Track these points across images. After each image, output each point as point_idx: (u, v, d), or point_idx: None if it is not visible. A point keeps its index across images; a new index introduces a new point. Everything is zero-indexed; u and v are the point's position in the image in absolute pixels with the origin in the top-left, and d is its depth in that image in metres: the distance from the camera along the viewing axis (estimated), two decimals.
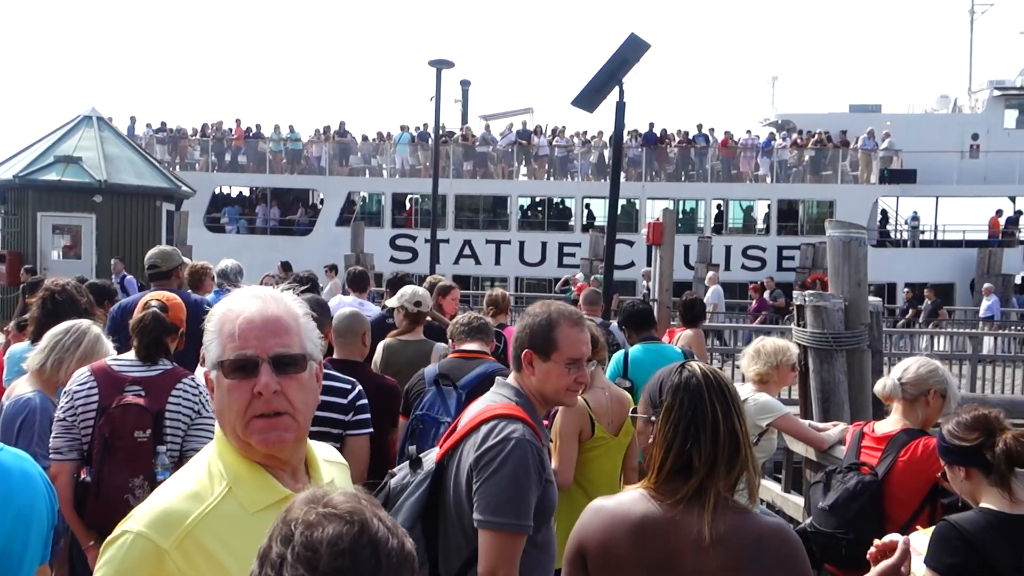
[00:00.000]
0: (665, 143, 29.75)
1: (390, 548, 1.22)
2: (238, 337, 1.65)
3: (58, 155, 16.19)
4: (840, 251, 6.54)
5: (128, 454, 3.46)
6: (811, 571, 2.04)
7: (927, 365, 3.75)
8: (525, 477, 2.52)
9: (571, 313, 2.79)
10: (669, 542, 2.02)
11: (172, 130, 30.35)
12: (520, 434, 2.56)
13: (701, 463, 2.04)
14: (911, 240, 30.63)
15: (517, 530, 2.51)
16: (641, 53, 10.27)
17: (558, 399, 2.79)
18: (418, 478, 2.75)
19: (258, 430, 1.65)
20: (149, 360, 3.67)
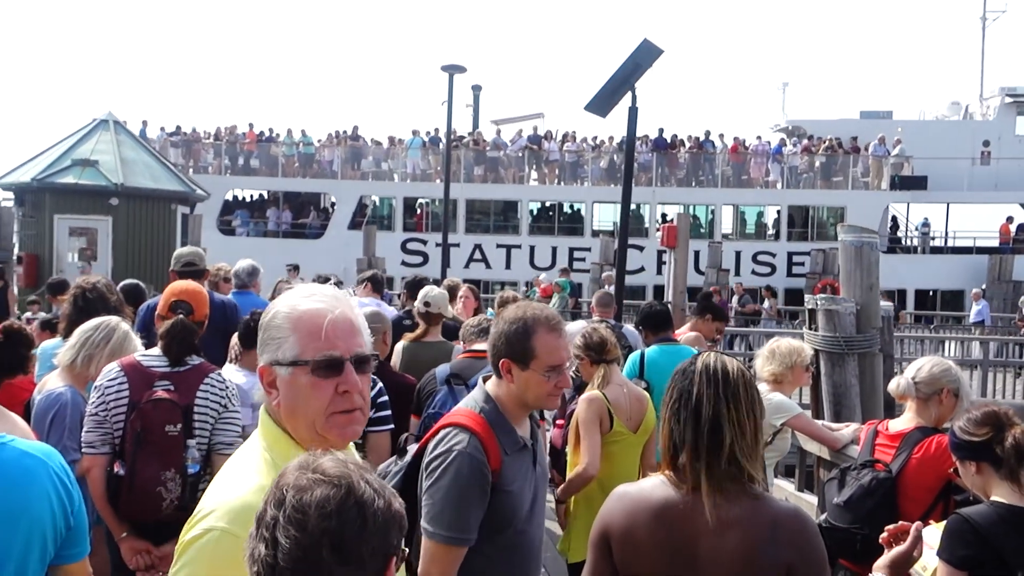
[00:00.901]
0: (675, 148, 29.80)
1: (376, 508, 1.30)
2: (324, 337, 1.71)
3: (75, 158, 16.32)
4: (852, 255, 6.59)
5: (160, 448, 3.54)
6: (826, 555, 2.09)
7: (940, 364, 3.83)
8: (464, 489, 2.52)
9: (548, 318, 2.69)
10: (687, 526, 2.07)
11: (186, 133, 30.56)
12: (463, 446, 2.54)
13: (683, 446, 2.10)
14: (921, 247, 30.61)
15: (448, 542, 2.52)
16: (654, 59, 10.34)
17: (540, 404, 2.75)
18: (397, 468, 2.81)
19: (339, 425, 1.73)
20: (179, 364, 3.76)
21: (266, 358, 1.76)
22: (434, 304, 5.72)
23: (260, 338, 1.79)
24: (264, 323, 1.79)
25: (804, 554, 2.03)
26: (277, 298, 1.86)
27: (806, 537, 2.05)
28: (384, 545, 1.31)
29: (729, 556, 2.03)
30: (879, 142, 29.08)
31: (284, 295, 1.85)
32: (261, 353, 1.78)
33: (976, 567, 2.76)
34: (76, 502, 2.35)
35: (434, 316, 5.74)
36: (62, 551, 2.32)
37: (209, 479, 3.66)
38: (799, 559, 2.01)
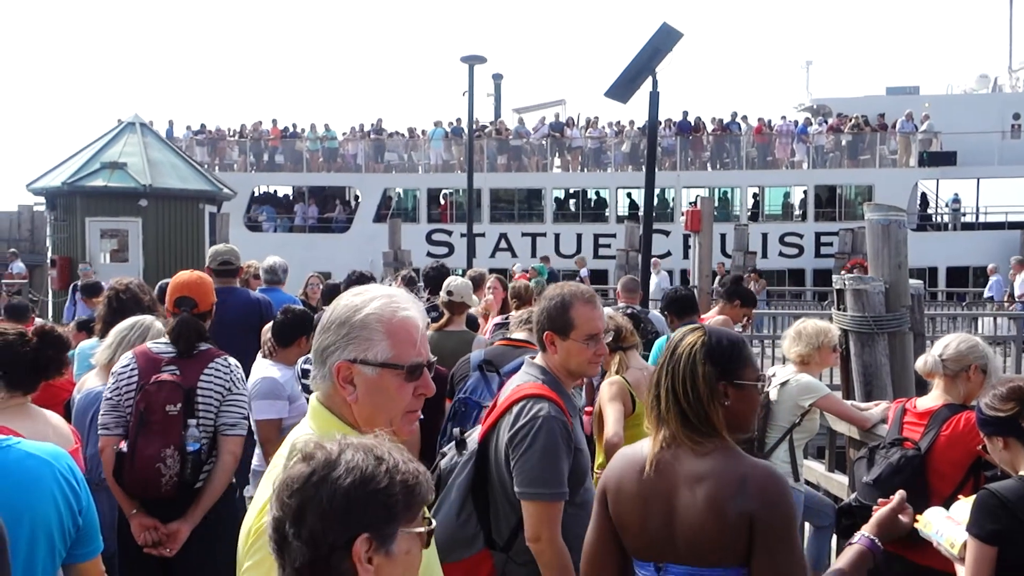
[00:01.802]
0: (699, 131, 29.61)
1: (338, 487, 1.36)
2: (418, 345, 1.88)
3: (104, 161, 16.52)
4: (880, 234, 6.54)
5: (160, 426, 3.67)
6: (795, 512, 2.20)
7: (967, 341, 3.82)
8: (554, 449, 2.79)
9: (583, 292, 3.00)
10: (666, 479, 2.24)
11: (211, 132, 30.82)
12: (546, 412, 2.82)
13: (658, 408, 2.30)
14: (952, 223, 30.19)
15: (553, 498, 2.78)
16: (674, 42, 10.29)
17: (582, 371, 3.04)
18: (464, 458, 3.03)
19: (410, 422, 1.89)
20: (187, 354, 3.87)
21: (348, 355, 1.83)
22: (456, 293, 5.77)
23: (340, 334, 1.84)
24: (349, 321, 1.85)
25: (766, 505, 2.13)
26: (348, 296, 1.91)
27: (770, 490, 2.15)
28: (345, 522, 1.35)
29: (699, 506, 2.17)
30: (906, 118, 28.66)
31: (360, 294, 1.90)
32: (338, 349, 1.84)
33: (1005, 542, 2.76)
34: (84, 501, 2.38)
35: (457, 305, 5.79)
36: (73, 550, 2.37)
37: (215, 459, 3.77)
38: (761, 510, 2.13)
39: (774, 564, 2.13)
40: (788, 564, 2.14)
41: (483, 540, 2.93)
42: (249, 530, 1.71)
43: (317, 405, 1.90)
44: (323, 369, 1.87)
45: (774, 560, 2.13)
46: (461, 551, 2.91)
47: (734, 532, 2.13)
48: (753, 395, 2.30)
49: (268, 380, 4.59)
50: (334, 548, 1.35)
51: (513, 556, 2.89)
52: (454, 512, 2.95)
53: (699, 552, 2.18)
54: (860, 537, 2.32)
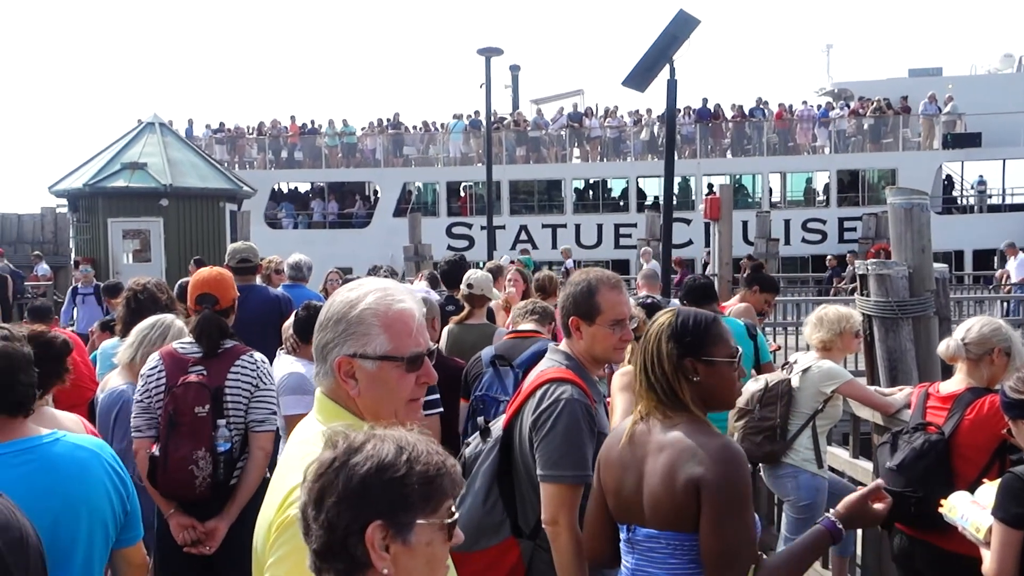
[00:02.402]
0: (719, 118, 29.41)
1: (355, 472, 1.39)
2: (415, 335, 1.89)
3: (124, 162, 16.66)
4: (902, 218, 6.47)
5: (190, 428, 3.69)
6: (745, 484, 2.24)
7: (990, 324, 3.77)
8: (577, 432, 2.78)
9: (609, 278, 2.98)
10: (640, 447, 2.39)
11: (230, 130, 31.01)
12: (569, 395, 2.81)
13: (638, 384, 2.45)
14: (978, 206, 29.81)
15: (575, 481, 2.76)
16: (691, 29, 10.22)
17: (607, 357, 3.03)
18: (488, 445, 3.04)
19: (413, 411, 1.91)
20: (212, 353, 3.89)
21: (348, 350, 1.85)
22: (477, 286, 5.77)
23: (337, 331, 1.86)
24: (345, 317, 1.86)
25: (713, 473, 2.21)
26: (344, 292, 1.93)
27: (719, 459, 2.23)
28: (358, 508, 1.38)
29: (659, 472, 2.31)
30: (929, 100, 28.32)
31: (355, 289, 1.92)
32: (337, 345, 1.86)
33: None
34: (130, 488, 2.49)
35: (477, 298, 5.78)
36: (120, 535, 2.46)
37: (246, 457, 3.80)
38: (708, 476, 2.21)
39: (718, 531, 2.19)
40: (732, 533, 2.19)
41: (509, 527, 2.93)
42: (271, 524, 1.71)
43: (323, 398, 1.92)
44: (325, 366, 1.89)
45: (718, 527, 2.19)
46: (488, 539, 2.92)
47: (684, 497, 2.23)
48: (725, 371, 2.37)
49: (295, 375, 4.60)
50: (348, 533, 1.37)
51: (540, 543, 2.87)
52: (480, 500, 2.96)
53: (658, 516, 2.30)
54: (824, 519, 2.35)
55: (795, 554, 2.34)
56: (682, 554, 2.28)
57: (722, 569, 2.19)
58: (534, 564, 2.90)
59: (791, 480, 4.97)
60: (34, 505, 2.23)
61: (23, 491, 2.23)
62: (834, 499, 5.08)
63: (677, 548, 2.28)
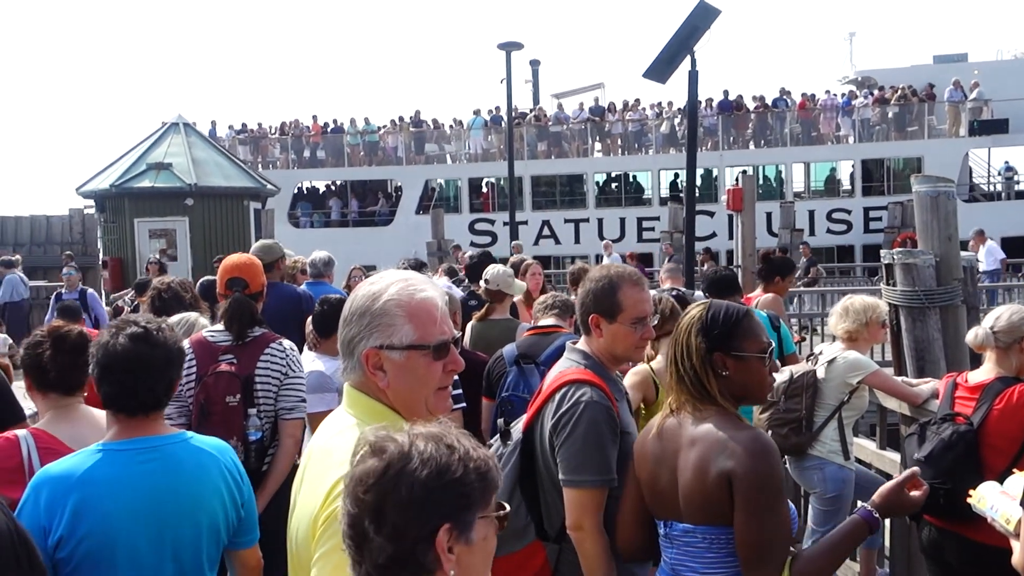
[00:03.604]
0: (741, 110, 29.20)
1: (416, 479, 1.35)
2: (440, 323, 1.90)
3: (150, 162, 16.84)
4: (928, 206, 6.38)
5: (222, 418, 3.73)
6: (778, 476, 2.22)
7: (1020, 312, 3.72)
8: (598, 435, 2.72)
9: (631, 274, 2.93)
10: (673, 441, 2.39)
11: (252, 131, 31.21)
12: (589, 397, 2.75)
13: (670, 378, 2.45)
14: (1005, 192, 29.40)
15: (598, 485, 2.72)
16: (711, 20, 10.15)
17: (628, 356, 2.98)
18: (509, 448, 2.97)
19: (444, 398, 1.93)
20: (242, 338, 3.93)
21: (374, 343, 1.86)
22: (493, 281, 5.75)
23: (362, 324, 1.87)
24: (369, 310, 1.87)
25: (744, 466, 2.20)
26: (365, 285, 1.93)
27: (749, 452, 2.21)
28: (427, 514, 1.35)
29: (691, 466, 2.30)
30: (955, 87, 27.95)
31: (376, 282, 1.93)
32: (363, 338, 1.86)
33: None
34: (247, 494, 2.54)
35: (495, 294, 5.77)
36: (235, 538, 2.54)
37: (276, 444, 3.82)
38: (739, 469, 2.20)
39: (751, 524, 2.18)
40: (766, 525, 2.17)
41: (534, 531, 2.88)
42: (316, 517, 1.72)
43: (353, 391, 1.91)
44: (352, 360, 1.89)
45: (752, 520, 2.18)
46: (512, 543, 2.86)
47: (716, 491, 2.23)
48: (756, 366, 2.34)
49: (315, 374, 4.61)
50: (417, 541, 1.35)
51: (566, 545, 2.81)
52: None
53: (693, 510, 2.29)
54: (860, 508, 2.32)
55: (832, 545, 2.31)
56: (719, 548, 2.27)
57: (757, 562, 2.18)
58: (561, 567, 2.85)
59: (817, 472, 4.93)
60: (151, 502, 2.33)
61: (143, 488, 2.34)
62: (861, 491, 5.05)
63: (714, 542, 2.27)
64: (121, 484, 2.31)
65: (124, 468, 2.34)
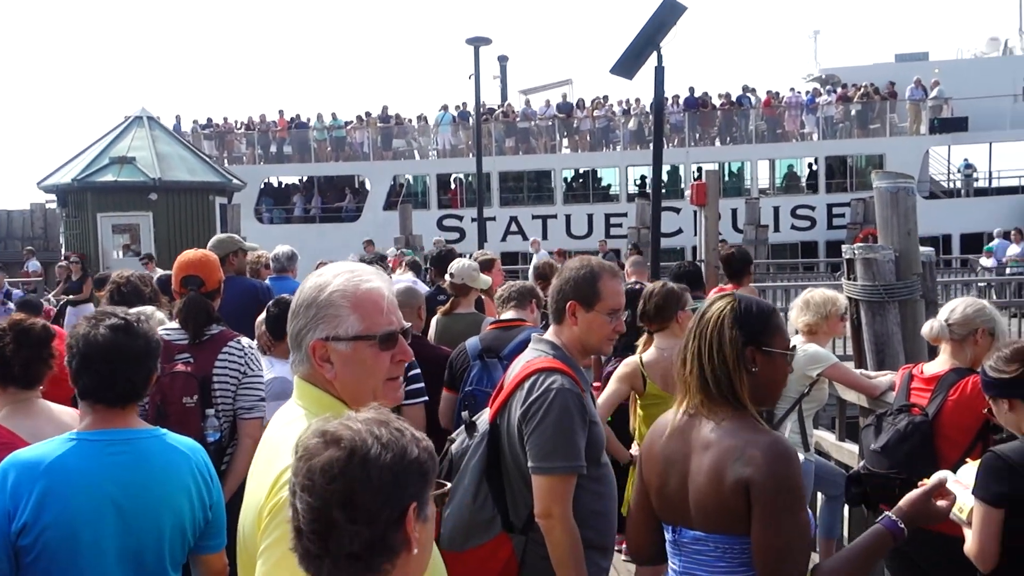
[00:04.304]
0: (707, 107, 29.42)
1: (383, 464, 1.36)
2: (386, 313, 1.89)
3: (113, 156, 16.61)
4: (888, 201, 6.48)
5: (178, 419, 3.66)
6: (799, 483, 2.13)
7: (974, 305, 3.78)
8: (569, 422, 2.73)
9: (611, 267, 2.95)
10: (684, 444, 2.28)
11: (218, 125, 30.86)
12: (559, 384, 2.76)
13: (683, 377, 2.32)
14: (965, 190, 29.92)
15: (568, 472, 2.73)
16: (678, 16, 10.20)
17: (598, 347, 2.99)
18: (475, 440, 2.96)
19: (393, 390, 1.92)
20: (198, 337, 3.87)
21: (320, 334, 1.86)
22: (458, 275, 5.75)
23: (309, 316, 1.87)
24: (315, 301, 1.87)
25: (763, 473, 2.09)
26: (312, 277, 1.93)
27: (769, 458, 2.11)
28: (397, 497, 1.38)
29: (705, 471, 2.19)
30: (915, 85, 28.37)
31: (323, 273, 1.93)
32: (310, 330, 1.87)
33: (1012, 503, 2.76)
34: (216, 496, 2.50)
35: (460, 287, 5.77)
36: (201, 541, 2.48)
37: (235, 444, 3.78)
38: (758, 476, 2.09)
39: (771, 533, 2.08)
40: (787, 534, 2.07)
41: (500, 523, 2.86)
42: (262, 508, 1.72)
43: (302, 383, 1.92)
44: (300, 352, 1.90)
45: (771, 529, 2.08)
46: (479, 536, 2.85)
47: (733, 499, 2.12)
48: (781, 365, 2.27)
49: (278, 380, 4.42)
50: (389, 523, 1.37)
51: (533, 537, 2.81)
52: (469, 496, 2.88)
53: (706, 518, 2.19)
54: (884, 517, 2.21)
55: (854, 556, 2.18)
56: (732, 557, 2.17)
57: (777, 573, 2.08)
58: (527, 558, 2.83)
59: None
60: (118, 496, 2.30)
61: (111, 481, 2.30)
62: (820, 482, 5.13)
63: (727, 551, 2.17)
64: (90, 475, 2.29)
65: (95, 459, 2.31)
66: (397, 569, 1.40)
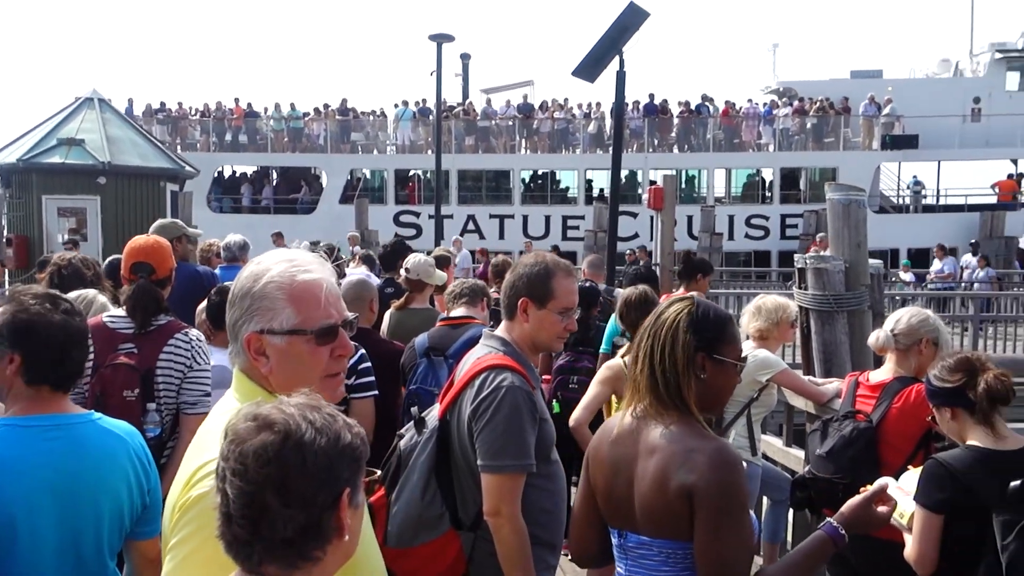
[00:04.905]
0: (666, 113, 29.69)
1: (317, 448, 1.35)
2: (324, 306, 1.80)
3: (61, 138, 16.18)
4: (840, 213, 6.59)
5: (119, 412, 3.50)
6: (743, 490, 2.12)
7: (918, 315, 3.85)
8: (519, 420, 2.72)
9: (565, 265, 2.93)
10: (630, 448, 2.26)
11: (171, 110, 30.33)
12: (510, 381, 2.74)
13: (633, 379, 2.30)
14: (914, 205, 30.59)
15: (517, 470, 2.72)
16: (640, 21, 10.29)
17: (548, 345, 2.98)
18: (424, 436, 2.92)
19: (332, 386, 1.82)
20: (145, 327, 3.74)
21: (255, 327, 1.78)
22: (414, 271, 5.71)
23: (244, 307, 1.79)
24: (250, 292, 1.79)
25: (707, 480, 2.08)
26: (250, 266, 1.85)
27: (713, 465, 2.09)
28: (331, 481, 1.37)
29: (650, 476, 2.17)
30: (869, 102, 28.98)
31: (261, 262, 1.85)
32: (245, 322, 1.79)
33: (952, 510, 2.81)
34: (153, 481, 2.45)
35: (415, 283, 5.72)
36: (137, 527, 2.43)
37: (176, 439, 3.68)
38: (700, 483, 2.08)
39: (713, 541, 2.06)
40: (729, 541, 2.06)
41: (449, 520, 2.83)
42: (175, 505, 1.67)
43: (240, 376, 1.84)
44: (236, 344, 1.82)
45: (714, 536, 2.06)
46: (427, 532, 2.82)
47: (677, 505, 2.10)
48: (731, 374, 2.25)
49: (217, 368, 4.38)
50: (324, 508, 1.36)
51: (481, 534, 2.79)
52: (418, 493, 2.84)
53: (650, 523, 2.18)
54: (826, 524, 2.22)
55: (795, 563, 2.17)
56: (675, 562, 2.16)
57: None
58: (476, 556, 2.81)
59: None
60: (53, 483, 2.23)
61: (46, 466, 2.24)
62: (767, 487, 5.19)
63: (670, 556, 2.16)
64: (24, 462, 2.22)
65: (30, 445, 2.25)
66: (328, 555, 1.39)
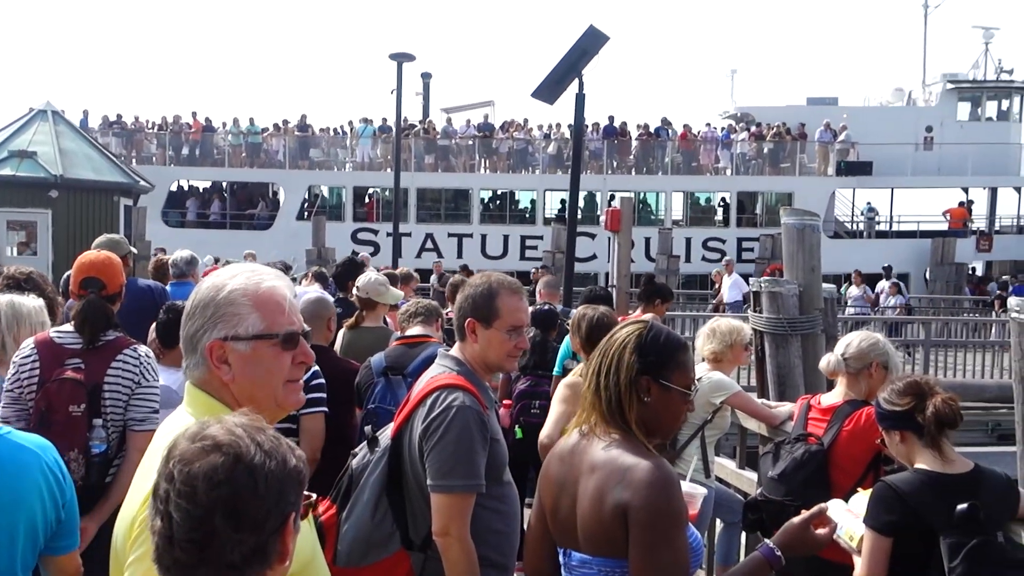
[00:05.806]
0: (625, 136, 29.96)
1: (268, 471, 1.33)
2: (288, 313, 1.84)
3: (12, 150, 15.89)
4: (795, 237, 6.68)
5: (64, 428, 3.47)
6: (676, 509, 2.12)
7: (868, 339, 3.90)
8: (469, 440, 2.71)
9: (510, 283, 2.93)
10: (576, 467, 2.26)
11: (128, 123, 29.92)
12: (461, 401, 2.73)
13: (582, 398, 2.33)
14: (867, 231, 31.17)
15: (467, 490, 2.70)
16: (600, 45, 10.39)
17: (500, 365, 2.96)
18: (376, 455, 2.91)
19: (293, 392, 1.86)
20: (93, 343, 3.67)
21: (219, 334, 1.78)
22: (364, 290, 5.66)
23: (207, 316, 1.80)
24: (213, 301, 1.80)
25: (640, 498, 2.08)
26: (210, 279, 1.87)
27: (647, 483, 2.10)
28: (280, 505, 1.35)
29: (589, 494, 2.19)
30: (825, 128, 29.53)
31: (221, 274, 1.87)
32: (207, 331, 1.79)
33: (901, 532, 2.83)
34: (68, 495, 2.39)
35: (366, 302, 5.67)
36: (52, 543, 2.37)
37: (123, 456, 3.61)
38: (635, 501, 2.09)
39: (647, 558, 2.06)
40: (662, 560, 2.06)
41: (399, 540, 2.82)
42: (134, 519, 1.65)
43: (194, 390, 1.83)
44: (195, 355, 1.81)
45: (648, 554, 2.06)
46: (377, 552, 2.80)
47: (612, 523, 2.11)
48: (676, 401, 2.23)
49: (162, 388, 4.31)
50: (272, 532, 1.34)
51: (432, 554, 2.76)
52: (368, 512, 2.83)
53: (589, 541, 2.18)
54: (762, 545, 2.23)
55: None
56: None
57: None
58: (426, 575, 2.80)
59: None
60: None
61: None
62: (719, 508, 5.20)
63: (609, 575, 2.17)
64: None
65: None
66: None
